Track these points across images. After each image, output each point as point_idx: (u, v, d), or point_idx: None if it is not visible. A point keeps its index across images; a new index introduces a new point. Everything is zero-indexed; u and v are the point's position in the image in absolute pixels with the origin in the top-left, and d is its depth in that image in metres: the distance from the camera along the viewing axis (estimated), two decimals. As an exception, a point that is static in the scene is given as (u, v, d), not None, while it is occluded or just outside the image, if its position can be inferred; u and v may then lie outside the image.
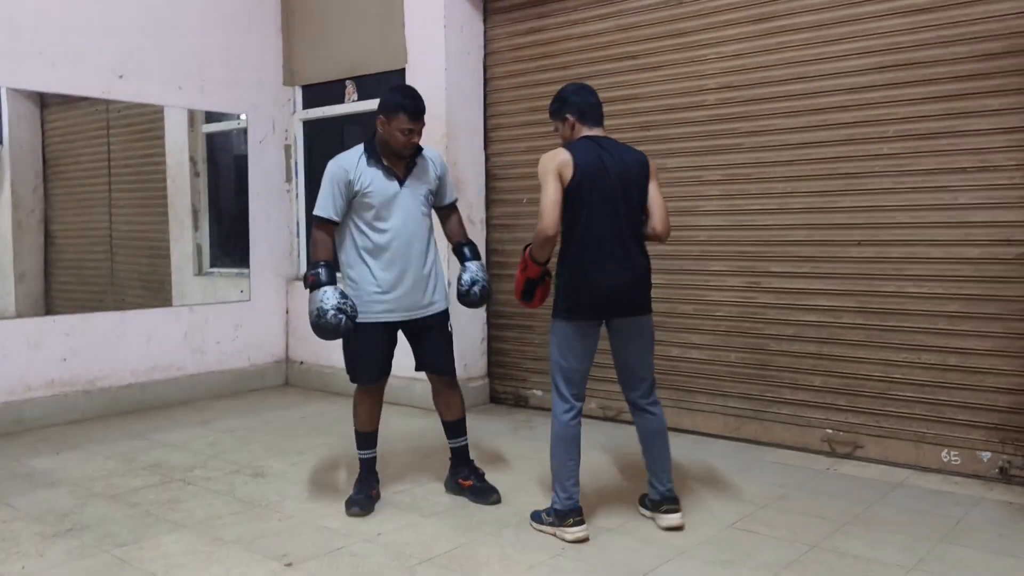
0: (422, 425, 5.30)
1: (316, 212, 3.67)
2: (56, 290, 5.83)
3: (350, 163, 3.66)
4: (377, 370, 3.78)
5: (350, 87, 6.33)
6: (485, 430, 5.18)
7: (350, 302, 3.55)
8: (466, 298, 3.89)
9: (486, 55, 5.84)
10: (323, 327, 3.50)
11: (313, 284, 3.54)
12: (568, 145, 3.38)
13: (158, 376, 5.94)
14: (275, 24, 6.63)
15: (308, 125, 6.70)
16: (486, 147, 5.86)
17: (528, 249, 3.42)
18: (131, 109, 5.96)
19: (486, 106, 5.85)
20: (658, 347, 5.02)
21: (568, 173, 3.26)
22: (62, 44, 5.44)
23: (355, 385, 3.86)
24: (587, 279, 3.31)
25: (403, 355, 5.97)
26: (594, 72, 5.25)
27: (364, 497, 3.75)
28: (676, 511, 3.51)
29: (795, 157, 4.53)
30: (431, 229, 3.82)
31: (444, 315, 3.86)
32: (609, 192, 3.31)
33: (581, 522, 3.37)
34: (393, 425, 5.30)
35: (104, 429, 5.26)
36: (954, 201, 4.11)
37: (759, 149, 4.65)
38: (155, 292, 6.26)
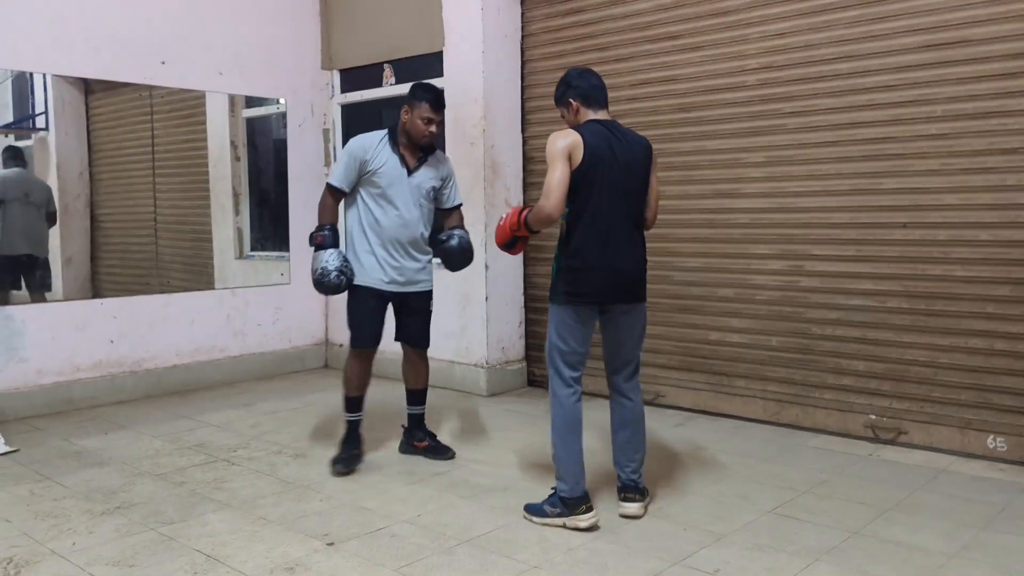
0: (462, 407, 5.33)
1: (330, 181, 4.04)
2: (102, 273, 5.95)
3: (370, 143, 4.00)
4: (373, 334, 4.09)
5: (388, 70, 6.34)
6: (523, 413, 5.20)
7: (350, 267, 3.94)
8: (444, 245, 4.06)
9: (523, 37, 5.80)
10: (325, 285, 3.87)
11: (320, 245, 3.91)
12: (583, 126, 3.31)
13: (202, 358, 6.04)
14: (314, 8, 6.66)
15: (346, 109, 6.73)
16: (523, 130, 5.84)
17: (524, 214, 3.36)
18: (173, 95, 6.04)
19: (523, 89, 5.83)
20: (697, 331, 5.06)
21: (578, 155, 3.21)
22: (106, 31, 5.51)
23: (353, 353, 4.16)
24: (592, 266, 3.27)
25: (444, 337, 6.00)
26: (633, 53, 5.21)
27: (348, 456, 4.08)
28: (636, 500, 3.42)
29: (840, 138, 4.45)
30: (430, 222, 4.13)
31: (428, 295, 4.18)
32: (617, 178, 3.28)
33: (591, 508, 3.33)
34: (434, 407, 5.34)
35: (150, 409, 5.37)
36: (1003, 182, 4.01)
37: (803, 130, 4.57)
38: (198, 275, 6.36)
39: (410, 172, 3.99)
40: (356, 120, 6.69)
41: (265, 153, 6.80)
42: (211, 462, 4.25)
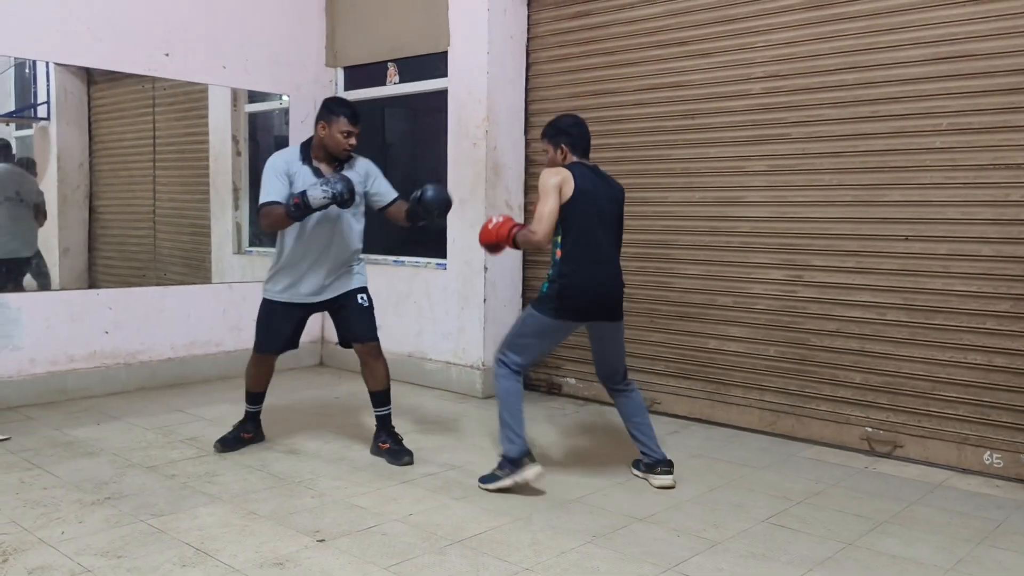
0: (457, 409, 5.31)
1: (265, 199, 3.96)
2: (99, 264, 5.93)
3: (289, 158, 4.10)
4: (272, 343, 4.28)
5: (392, 69, 6.33)
6: (518, 416, 5.17)
7: (336, 179, 3.83)
8: (420, 202, 3.96)
9: (529, 39, 5.79)
10: (338, 193, 3.77)
11: (297, 204, 3.80)
12: (567, 166, 3.75)
13: (197, 351, 6.02)
14: (319, 5, 6.65)
15: (349, 107, 6.71)
16: (527, 132, 5.82)
17: (515, 231, 3.75)
18: (176, 87, 6.03)
19: (528, 91, 5.81)
20: (695, 338, 5.05)
21: (568, 190, 3.65)
22: (110, 20, 5.49)
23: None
24: (583, 287, 3.69)
25: (441, 338, 5.99)
26: (640, 58, 5.20)
27: (233, 438, 4.35)
28: (670, 473, 3.86)
29: (843, 149, 4.44)
30: (354, 227, 4.20)
31: (350, 293, 4.21)
32: (602, 212, 3.74)
33: (534, 460, 3.74)
34: (429, 408, 5.33)
35: (143, 402, 5.34)
36: (1006, 198, 4.00)
37: (806, 140, 4.56)
38: (195, 269, 6.35)
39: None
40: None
41: (266, 148, 6.77)
42: (203, 456, 4.22)
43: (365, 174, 4.20)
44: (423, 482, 3.88)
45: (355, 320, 4.22)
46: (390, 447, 4.23)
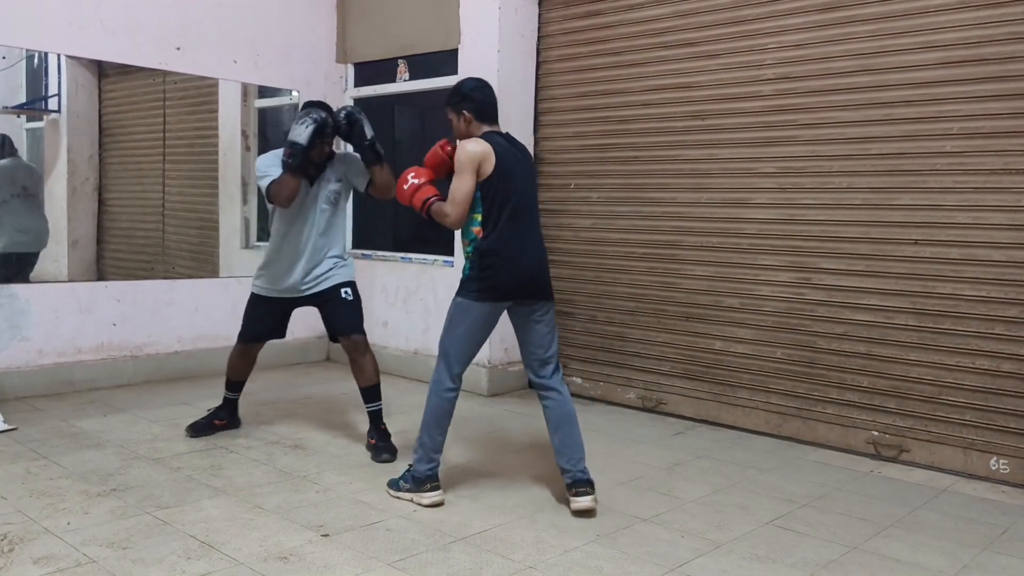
0: (462, 407, 5.28)
1: (268, 181, 4.04)
2: (108, 257, 5.94)
3: (276, 156, 4.12)
4: (253, 333, 4.42)
5: (402, 66, 6.33)
6: (523, 414, 5.18)
7: (310, 115, 4.00)
8: (345, 124, 4.09)
9: (540, 38, 5.79)
10: (304, 128, 3.94)
11: (289, 153, 3.94)
12: (486, 137, 3.49)
13: (204, 345, 6.03)
14: (330, 1, 6.66)
15: (359, 103, 6.71)
16: (536, 131, 5.82)
17: (429, 204, 3.53)
18: (187, 81, 6.04)
19: (537, 90, 5.81)
20: (701, 339, 5.04)
21: (488, 167, 3.41)
22: (121, 14, 5.51)
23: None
24: (505, 264, 3.44)
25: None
26: (649, 59, 5.19)
27: (206, 424, 4.48)
28: (588, 494, 3.46)
29: (854, 152, 4.43)
30: (336, 223, 4.27)
31: (334, 289, 4.25)
32: (522, 186, 3.52)
33: (438, 487, 3.55)
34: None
35: (150, 394, 5.36)
36: (1017, 203, 3.98)
37: (816, 142, 4.55)
38: (203, 263, 6.35)
39: (312, 182, 4.14)
40: (368, 115, 6.66)
41: (276, 144, 6.73)
42: (209, 449, 4.23)
43: (345, 164, 4.28)
44: (428, 479, 3.88)
45: (339, 314, 4.26)
46: (375, 443, 4.24)
